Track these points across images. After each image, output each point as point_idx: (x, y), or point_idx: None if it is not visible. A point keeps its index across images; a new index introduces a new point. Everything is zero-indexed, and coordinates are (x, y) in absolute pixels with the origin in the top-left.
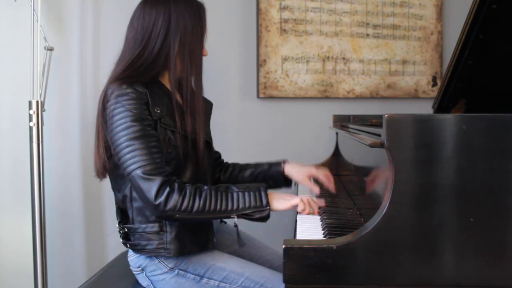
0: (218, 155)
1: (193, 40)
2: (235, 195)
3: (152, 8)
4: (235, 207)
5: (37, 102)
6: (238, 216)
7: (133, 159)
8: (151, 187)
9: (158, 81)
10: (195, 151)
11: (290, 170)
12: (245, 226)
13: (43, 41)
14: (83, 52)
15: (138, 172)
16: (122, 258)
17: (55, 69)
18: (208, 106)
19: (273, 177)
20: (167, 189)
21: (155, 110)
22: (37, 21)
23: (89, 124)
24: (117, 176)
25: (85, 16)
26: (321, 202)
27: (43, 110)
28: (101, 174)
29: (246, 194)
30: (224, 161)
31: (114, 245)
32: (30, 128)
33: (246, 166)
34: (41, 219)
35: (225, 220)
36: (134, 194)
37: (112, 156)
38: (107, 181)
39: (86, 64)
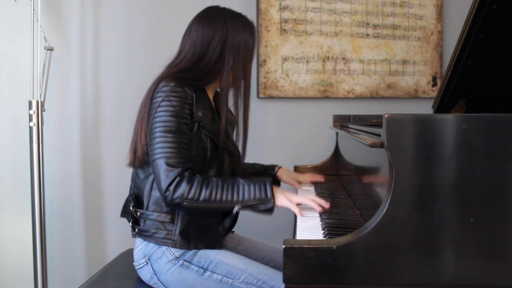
0: None
1: (245, 55)
2: (241, 187)
3: (210, 23)
4: (240, 198)
5: (37, 102)
6: (244, 208)
7: (161, 148)
8: (167, 177)
9: (204, 89)
10: (221, 158)
11: (281, 173)
12: (246, 225)
13: (43, 41)
14: (83, 52)
15: (162, 161)
16: (122, 258)
17: (55, 69)
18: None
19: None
20: (177, 179)
21: (198, 113)
22: (37, 21)
23: (89, 124)
24: (143, 164)
25: (85, 16)
26: (324, 203)
27: (43, 110)
28: (141, 161)
29: (252, 186)
30: None
31: (114, 245)
32: (30, 128)
33: (243, 166)
34: (41, 219)
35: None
36: (156, 184)
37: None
38: (107, 181)
39: (86, 64)
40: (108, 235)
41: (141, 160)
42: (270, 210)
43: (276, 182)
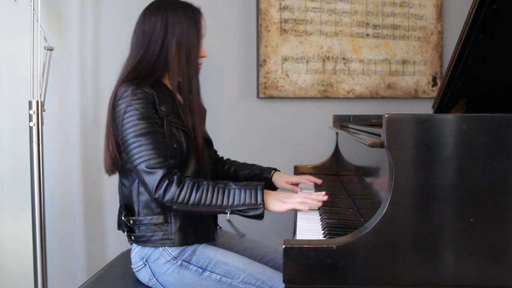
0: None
1: (189, 42)
2: (232, 191)
3: (151, 14)
4: (230, 203)
5: (37, 102)
6: (233, 212)
7: (138, 154)
8: (153, 180)
9: (161, 82)
10: (196, 147)
11: (275, 178)
12: (245, 225)
13: (43, 41)
14: (83, 52)
15: (143, 166)
16: (122, 258)
17: (55, 69)
18: (203, 110)
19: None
20: (166, 182)
21: (162, 108)
22: (37, 21)
23: (89, 124)
24: (127, 172)
25: (85, 16)
26: (321, 195)
27: (43, 110)
28: (110, 171)
29: (243, 191)
30: (221, 156)
31: (114, 245)
32: (30, 128)
33: (242, 167)
34: (41, 219)
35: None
36: (141, 189)
37: (122, 152)
38: (107, 182)
39: (86, 64)
40: (108, 235)
41: (111, 170)
42: (259, 216)
43: (272, 186)
